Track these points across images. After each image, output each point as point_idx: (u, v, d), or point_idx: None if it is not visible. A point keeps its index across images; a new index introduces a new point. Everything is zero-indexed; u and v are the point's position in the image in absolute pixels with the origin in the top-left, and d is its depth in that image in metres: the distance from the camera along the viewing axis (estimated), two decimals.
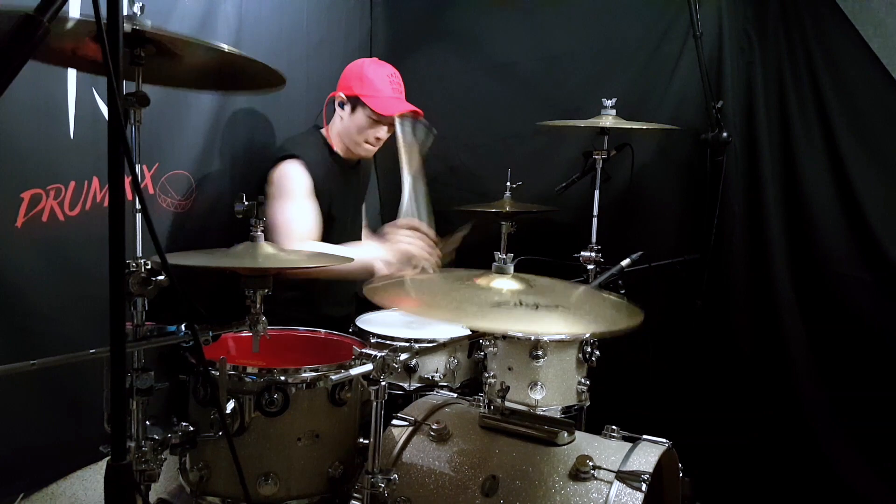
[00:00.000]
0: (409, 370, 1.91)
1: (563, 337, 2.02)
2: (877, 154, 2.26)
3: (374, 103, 2.16)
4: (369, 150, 2.27)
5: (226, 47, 1.27)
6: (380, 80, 2.20)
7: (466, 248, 2.35)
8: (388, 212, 3.02)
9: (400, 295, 1.37)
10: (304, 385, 1.43)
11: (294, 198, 2.12)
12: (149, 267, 1.17)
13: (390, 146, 2.22)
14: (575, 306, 1.30)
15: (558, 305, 1.23)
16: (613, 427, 1.60)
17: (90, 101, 1.78)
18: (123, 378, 0.80)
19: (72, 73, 1.75)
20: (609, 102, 2.19)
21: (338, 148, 2.30)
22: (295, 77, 2.54)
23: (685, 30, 2.42)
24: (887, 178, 2.25)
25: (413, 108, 2.21)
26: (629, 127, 2.16)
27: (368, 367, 1.27)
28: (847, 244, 2.32)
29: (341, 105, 2.23)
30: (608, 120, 2.18)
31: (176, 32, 1.20)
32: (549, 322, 1.20)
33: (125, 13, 1.23)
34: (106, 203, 1.57)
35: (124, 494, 0.83)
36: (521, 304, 1.19)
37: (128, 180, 0.84)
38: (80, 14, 1.67)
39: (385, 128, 2.22)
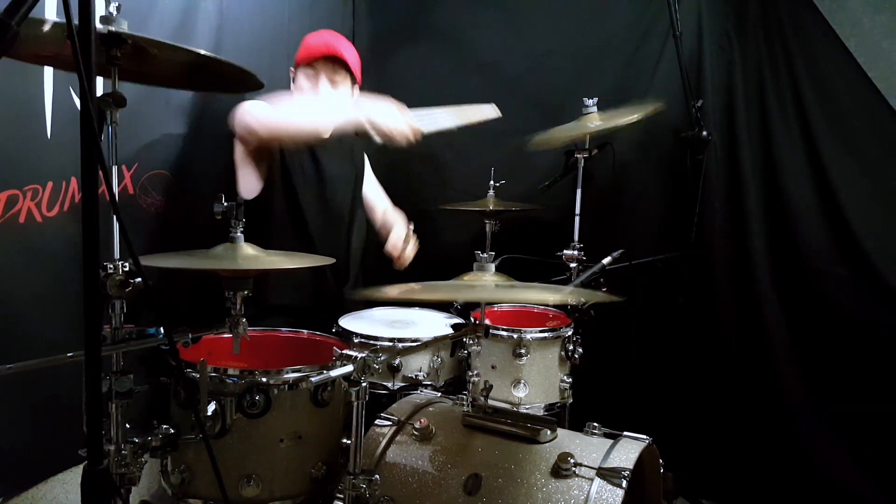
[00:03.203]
0: (393, 369, 1.91)
1: (546, 335, 2.04)
2: (854, 151, 2.30)
3: (300, 56, 2.17)
4: (318, 97, 2.18)
5: (202, 51, 1.26)
6: (313, 37, 2.21)
7: (451, 247, 2.35)
8: None
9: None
10: (286, 386, 1.43)
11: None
12: (126, 269, 1.16)
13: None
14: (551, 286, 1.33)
15: (534, 286, 1.25)
16: (595, 424, 1.61)
17: (67, 101, 1.76)
18: (99, 382, 0.79)
19: (48, 73, 1.73)
20: (591, 102, 2.20)
21: None
22: (276, 75, 2.52)
23: (665, 29, 2.44)
24: (865, 175, 2.28)
25: (332, 51, 2.15)
26: (613, 126, 2.17)
27: (349, 368, 1.27)
28: (826, 240, 2.35)
29: (292, 80, 2.23)
30: (594, 120, 2.19)
31: (148, 37, 1.18)
32: (524, 293, 1.22)
33: (101, 13, 1.22)
34: None
35: (101, 499, 0.83)
36: (497, 286, 1.21)
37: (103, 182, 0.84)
38: (56, 14, 1.68)
39: (320, 80, 2.16)
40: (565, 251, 2.25)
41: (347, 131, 1.98)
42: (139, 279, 1.15)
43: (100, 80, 1.28)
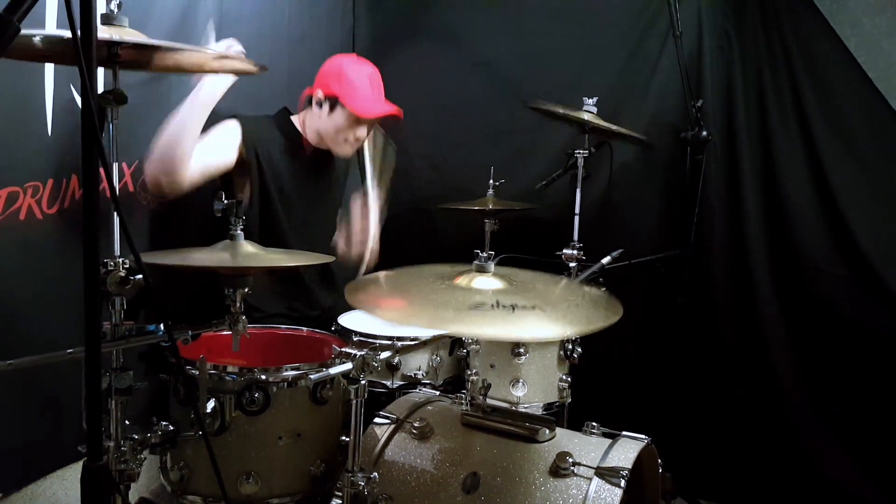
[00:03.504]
0: (392, 368, 1.91)
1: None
2: (854, 151, 2.29)
3: (353, 104, 2.11)
4: (348, 150, 2.24)
5: (205, 50, 1.26)
6: (359, 79, 2.14)
7: (450, 246, 2.35)
8: None
9: (378, 298, 1.37)
10: (286, 384, 1.43)
11: (211, 138, 2.02)
12: (127, 266, 1.16)
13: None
14: (552, 306, 1.30)
15: (535, 306, 1.23)
16: (594, 423, 1.61)
17: (68, 98, 1.76)
18: (98, 379, 0.79)
19: (49, 70, 1.73)
20: (590, 101, 2.21)
21: (310, 138, 2.26)
22: (276, 74, 2.52)
23: (665, 29, 2.44)
24: (864, 175, 2.28)
25: (394, 108, 2.18)
26: (608, 128, 2.17)
27: (348, 366, 1.27)
28: (824, 240, 2.35)
29: (319, 104, 2.17)
30: (589, 115, 2.19)
31: (148, 40, 1.18)
32: (525, 325, 1.20)
33: (102, 11, 1.23)
34: None
35: (100, 495, 0.83)
36: (497, 305, 1.19)
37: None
38: (58, 11, 1.68)
39: (365, 127, 2.18)
40: (565, 250, 2.25)
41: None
42: (139, 276, 1.15)
43: (101, 78, 1.28)
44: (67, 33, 0.75)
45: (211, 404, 1.35)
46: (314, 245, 2.28)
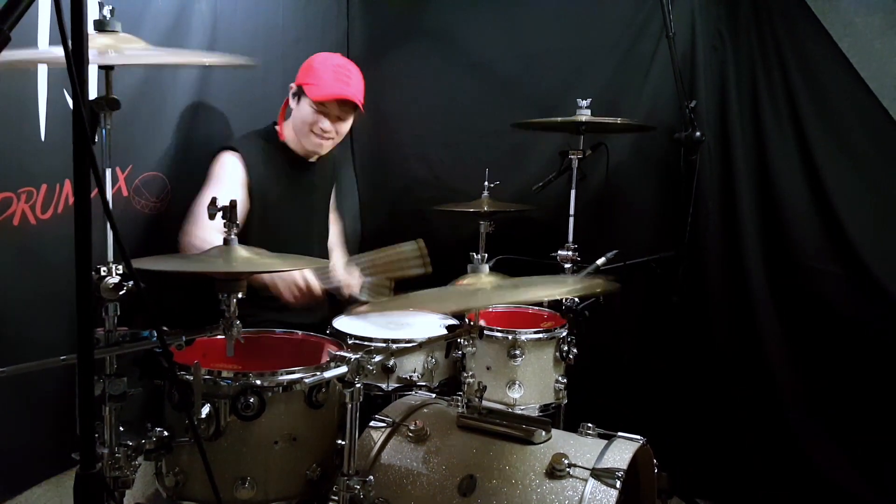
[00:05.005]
0: (388, 370, 1.91)
1: (541, 335, 2.04)
2: (847, 150, 2.30)
3: (311, 90, 2.12)
4: (317, 143, 2.22)
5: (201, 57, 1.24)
6: (325, 68, 2.15)
7: (446, 248, 2.35)
8: (368, 216, 3.03)
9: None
10: (281, 388, 1.43)
11: (220, 185, 2.09)
12: (120, 271, 1.16)
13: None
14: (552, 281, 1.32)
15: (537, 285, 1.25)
16: (589, 425, 1.62)
17: (62, 103, 1.76)
18: (92, 385, 0.79)
19: (42, 74, 1.73)
20: (584, 102, 2.21)
21: (290, 142, 2.27)
22: (271, 76, 2.53)
23: (659, 29, 2.44)
24: (857, 174, 2.29)
25: (348, 95, 2.14)
26: (603, 121, 2.17)
27: (343, 369, 1.27)
28: (819, 239, 2.35)
29: (294, 97, 2.20)
30: (584, 117, 2.19)
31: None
32: (530, 292, 1.22)
33: (95, 17, 1.22)
34: None
35: (94, 502, 0.82)
36: (500, 287, 1.21)
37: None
38: (50, 17, 1.68)
39: (326, 119, 2.16)
40: (560, 252, 2.25)
41: None
42: (132, 282, 1.15)
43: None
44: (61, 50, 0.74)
45: (206, 409, 1.34)
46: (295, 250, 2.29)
